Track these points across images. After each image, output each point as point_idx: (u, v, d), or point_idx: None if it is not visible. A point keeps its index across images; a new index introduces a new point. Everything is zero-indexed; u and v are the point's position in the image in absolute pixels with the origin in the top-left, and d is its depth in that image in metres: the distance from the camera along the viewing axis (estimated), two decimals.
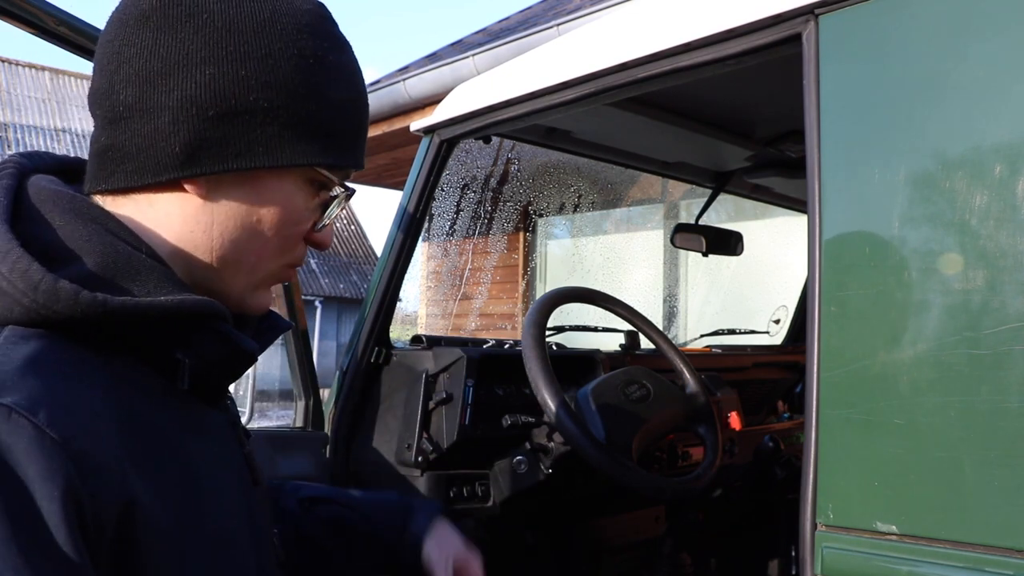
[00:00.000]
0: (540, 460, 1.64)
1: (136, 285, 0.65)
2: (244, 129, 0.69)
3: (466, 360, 1.68)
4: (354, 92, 0.76)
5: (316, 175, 0.74)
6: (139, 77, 0.67)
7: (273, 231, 0.73)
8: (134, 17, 0.68)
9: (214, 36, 0.68)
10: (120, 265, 0.65)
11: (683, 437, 1.94)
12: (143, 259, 0.67)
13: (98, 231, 0.66)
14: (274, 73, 0.69)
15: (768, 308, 2.86)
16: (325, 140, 0.73)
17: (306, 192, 0.74)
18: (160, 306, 0.63)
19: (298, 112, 0.70)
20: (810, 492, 0.97)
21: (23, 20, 1.20)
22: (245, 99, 0.68)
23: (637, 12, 1.35)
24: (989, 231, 0.87)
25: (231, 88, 0.67)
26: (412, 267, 1.87)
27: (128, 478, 0.57)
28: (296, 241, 0.76)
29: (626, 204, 5.85)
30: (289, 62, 0.70)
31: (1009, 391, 0.83)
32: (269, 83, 0.69)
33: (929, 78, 0.93)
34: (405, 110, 5.00)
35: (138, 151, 0.68)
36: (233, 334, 0.70)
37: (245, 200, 0.71)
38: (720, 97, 1.80)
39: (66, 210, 0.66)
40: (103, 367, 0.62)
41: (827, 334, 0.98)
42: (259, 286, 0.76)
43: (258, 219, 0.72)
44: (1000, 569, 0.82)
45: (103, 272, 0.64)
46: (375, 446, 1.74)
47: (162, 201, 0.70)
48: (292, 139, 0.70)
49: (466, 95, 1.68)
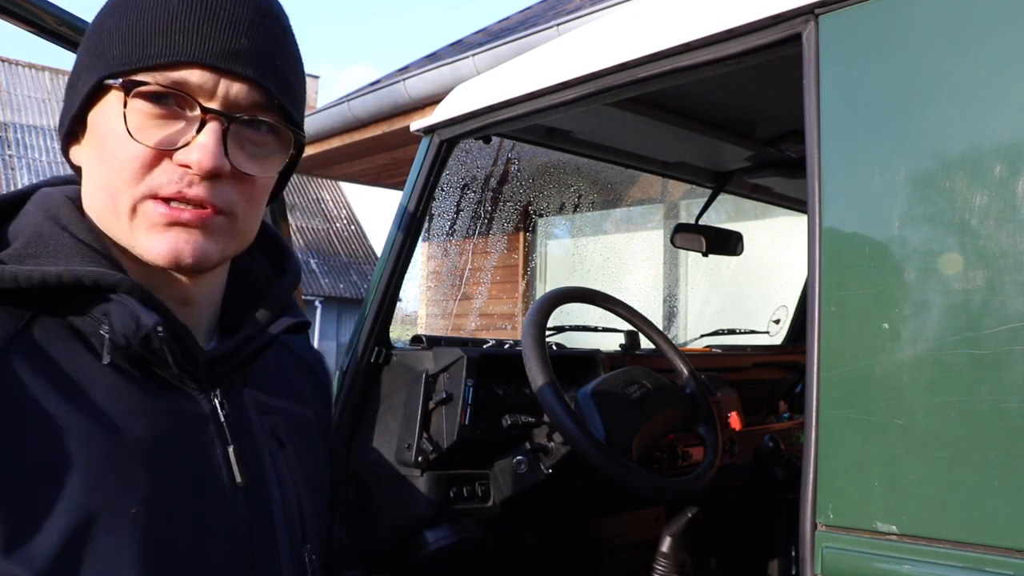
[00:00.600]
0: (540, 460, 1.64)
1: (51, 260, 0.70)
2: (72, 88, 0.75)
3: (466, 360, 1.68)
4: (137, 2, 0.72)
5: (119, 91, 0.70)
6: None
7: (106, 162, 0.72)
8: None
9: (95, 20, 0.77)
10: (40, 245, 0.71)
11: (683, 437, 1.94)
12: (65, 239, 0.71)
13: (40, 218, 0.73)
14: (89, 31, 0.75)
15: (768, 308, 2.86)
16: (110, 54, 0.71)
17: (121, 110, 0.70)
18: (41, 273, 0.67)
19: (90, 46, 0.74)
20: (810, 492, 0.97)
21: (24, 19, 1.20)
22: (76, 61, 0.76)
23: (637, 12, 1.35)
24: (989, 231, 0.87)
25: (80, 57, 0.75)
26: (412, 267, 1.87)
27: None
28: (141, 165, 0.70)
29: (626, 204, 5.85)
30: (105, 20, 0.74)
31: (1009, 391, 0.83)
32: (85, 40, 0.75)
33: (929, 78, 0.93)
34: (405, 110, 4.99)
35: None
36: (130, 305, 0.69)
37: (90, 147, 0.75)
38: (720, 97, 1.80)
39: (38, 206, 0.74)
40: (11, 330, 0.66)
41: (827, 334, 0.98)
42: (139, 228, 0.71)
43: (97, 157, 0.73)
44: (1000, 569, 0.82)
45: (23, 251, 0.70)
46: (375, 446, 1.74)
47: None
48: (88, 72, 0.73)
49: (466, 95, 1.68)
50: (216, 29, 0.70)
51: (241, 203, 0.74)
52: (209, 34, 0.70)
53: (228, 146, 0.71)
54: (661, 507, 2.15)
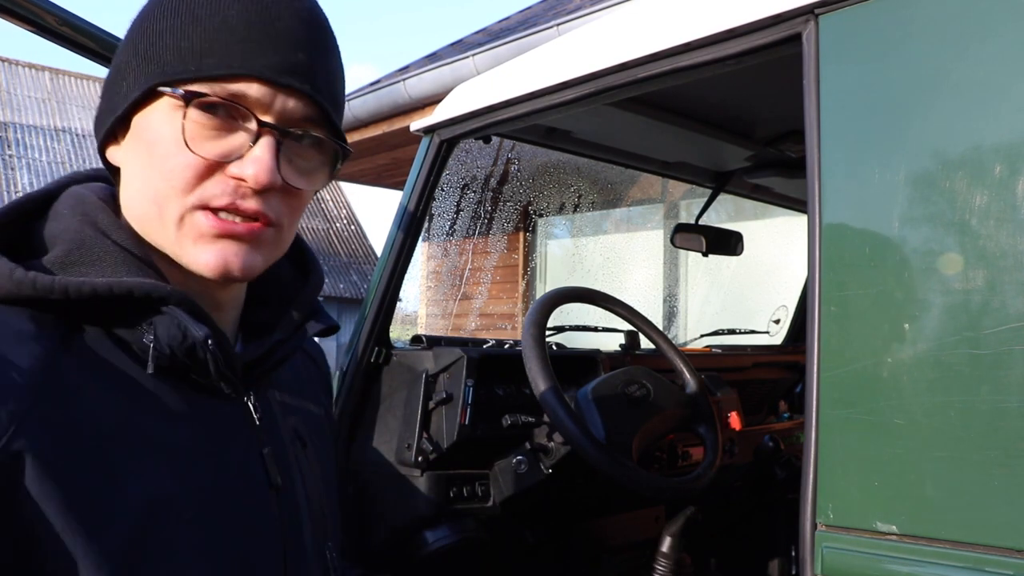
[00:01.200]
0: (540, 460, 1.64)
1: (95, 270, 0.68)
2: (117, 87, 0.72)
3: (466, 360, 1.68)
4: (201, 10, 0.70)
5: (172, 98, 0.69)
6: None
7: (154, 170, 0.70)
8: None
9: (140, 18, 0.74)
10: (83, 253, 0.69)
11: (683, 437, 1.94)
12: (108, 246, 0.69)
13: (79, 223, 0.70)
14: (135, 30, 0.73)
15: (768, 308, 2.86)
16: (164, 59, 0.69)
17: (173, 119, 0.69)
18: (90, 285, 0.65)
19: (145, 50, 0.71)
20: (810, 492, 0.97)
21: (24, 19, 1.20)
22: (118, 59, 0.73)
23: (637, 12, 1.35)
24: (989, 231, 0.87)
25: (115, 66, 0.73)
26: (412, 267, 1.87)
27: (23, 432, 0.59)
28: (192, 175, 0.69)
29: (626, 204, 5.85)
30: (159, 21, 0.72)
31: (1009, 391, 0.83)
32: (131, 39, 0.73)
33: (929, 78, 0.93)
34: (405, 110, 5.00)
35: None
36: (180, 317, 0.68)
37: (134, 152, 0.73)
38: (720, 97, 1.80)
39: (69, 208, 0.72)
40: (53, 339, 0.64)
41: (827, 334, 0.98)
42: (185, 239, 0.71)
43: (143, 164, 0.71)
44: (1000, 569, 0.82)
45: (66, 259, 0.68)
46: (375, 446, 1.74)
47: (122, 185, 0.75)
48: (136, 75, 0.71)
49: (466, 95, 1.69)
50: (274, 42, 0.70)
51: (287, 215, 0.75)
52: (268, 47, 0.69)
53: (280, 160, 0.71)
54: (661, 507, 2.15)
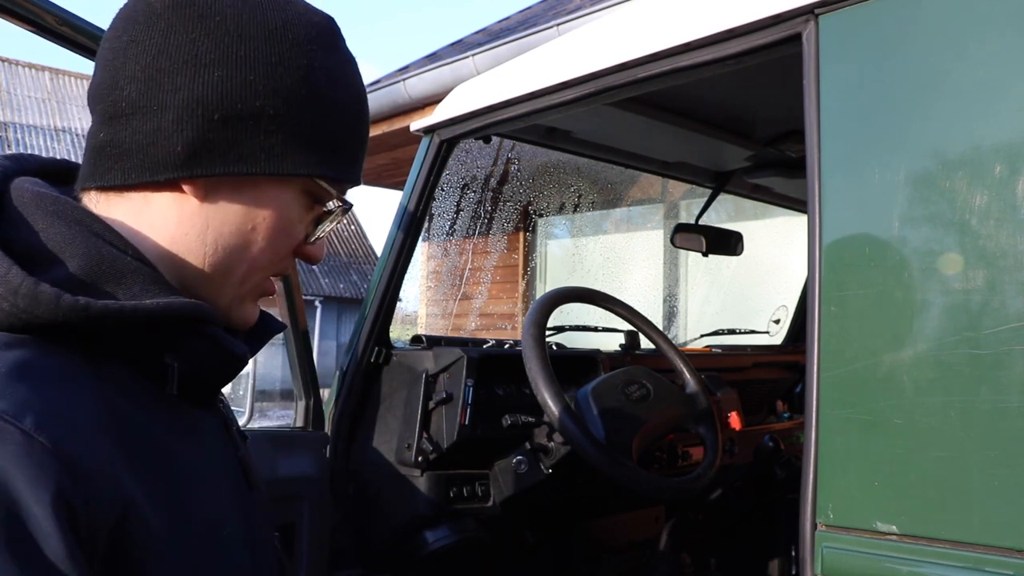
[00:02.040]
0: (540, 460, 1.64)
1: (121, 288, 0.64)
2: (248, 134, 0.68)
3: (466, 360, 1.68)
4: (358, 107, 0.76)
5: (314, 187, 0.74)
6: (145, 74, 0.67)
7: (267, 240, 0.72)
8: (144, 15, 0.68)
9: (225, 39, 0.67)
10: (104, 268, 0.64)
11: (683, 437, 1.94)
12: (128, 261, 0.65)
13: (82, 233, 0.65)
14: (282, 81, 0.69)
15: (768, 308, 2.86)
16: (326, 152, 0.72)
17: (303, 203, 0.74)
18: (145, 310, 0.62)
19: (302, 122, 0.70)
20: (810, 492, 0.97)
21: (24, 19, 1.20)
22: (251, 104, 0.68)
23: (637, 12, 1.36)
24: (989, 231, 0.87)
25: (239, 92, 0.67)
26: (412, 267, 1.87)
27: (120, 482, 0.56)
28: (287, 252, 0.75)
29: (626, 204, 5.85)
30: (298, 72, 0.69)
31: (1009, 391, 0.83)
32: (276, 91, 0.68)
33: (929, 78, 0.93)
34: (405, 110, 5.00)
35: (139, 148, 0.67)
36: (222, 337, 0.69)
37: (242, 206, 0.70)
38: (720, 97, 1.80)
39: (49, 212, 0.65)
40: (90, 371, 0.61)
41: (827, 334, 0.98)
42: (246, 298, 0.75)
43: (253, 227, 0.71)
44: (1000, 569, 0.82)
45: (86, 275, 0.63)
46: (375, 446, 1.74)
47: (157, 201, 0.69)
48: (294, 148, 0.70)
49: (466, 95, 1.69)
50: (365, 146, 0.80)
51: None
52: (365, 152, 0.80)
53: None
54: (661, 507, 2.15)
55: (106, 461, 0.56)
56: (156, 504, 0.60)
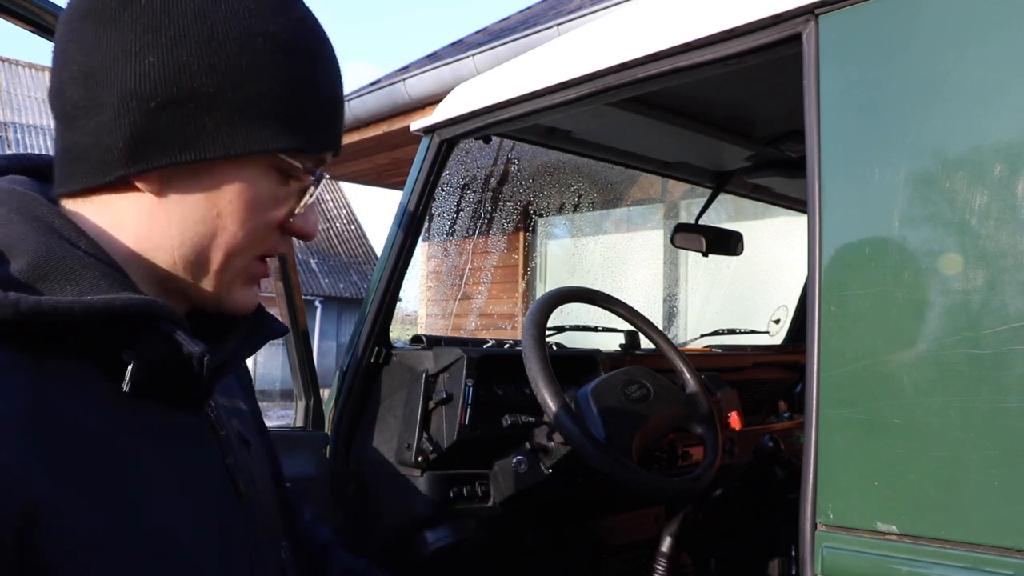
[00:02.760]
0: (540, 460, 1.64)
1: (69, 284, 0.62)
2: (189, 118, 0.65)
3: (466, 360, 1.69)
4: (316, 71, 0.70)
5: (279, 162, 0.70)
6: (82, 73, 0.65)
7: (237, 224, 0.69)
8: (77, 13, 0.66)
9: (152, 23, 0.64)
10: (53, 264, 0.62)
11: (683, 437, 1.94)
12: (80, 256, 0.63)
13: (37, 229, 0.63)
14: (218, 55, 0.65)
15: (768, 308, 2.86)
16: (282, 123, 0.68)
17: (273, 179, 0.70)
18: (82, 306, 0.60)
19: (248, 95, 0.66)
20: (810, 492, 0.97)
21: (24, 18, 1.20)
22: (188, 86, 0.64)
23: (637, 12, 1.35)
24: (989, 231, 0.87)
25: (173, 76, 0.64)
26: (412, 267, 1.87)
27: (32, 481, 0.54)
28: (268, 232, 0.72)
29: (626, 204, 5.85)
30: (235, 43, 0.65)
31: (1009, 391, 0.83)
32: (214, 66, 0.65)
33: (929, 78, 0.93)
34: (405, 110, 5.00)
35: (87, 150, 0.66)
36: (175, 334, 0.65)
37: (202, 194, 0.68)
38: (720, 97, 1.80)
39: (12, 209, 0.64)
40: (28, 367, 0.59)
41: (827, 334, 0.98)
42: (233, 284, 0.73)
43: (218, 213, 0.68)
44: (1000, 569, 0.82)
45: (32, 271, 0.61)
46: (375, 446, 1.74)
47: (119, 202, 0.68)
48: (243, 125, 0.66)
49: (466, 95, 1.69)
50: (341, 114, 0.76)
51: None
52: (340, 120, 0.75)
53: None
54: (661, 507, 2.15)
55: (15, 460, 0.54)
56: (84, 505, 0.57)
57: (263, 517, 0.81)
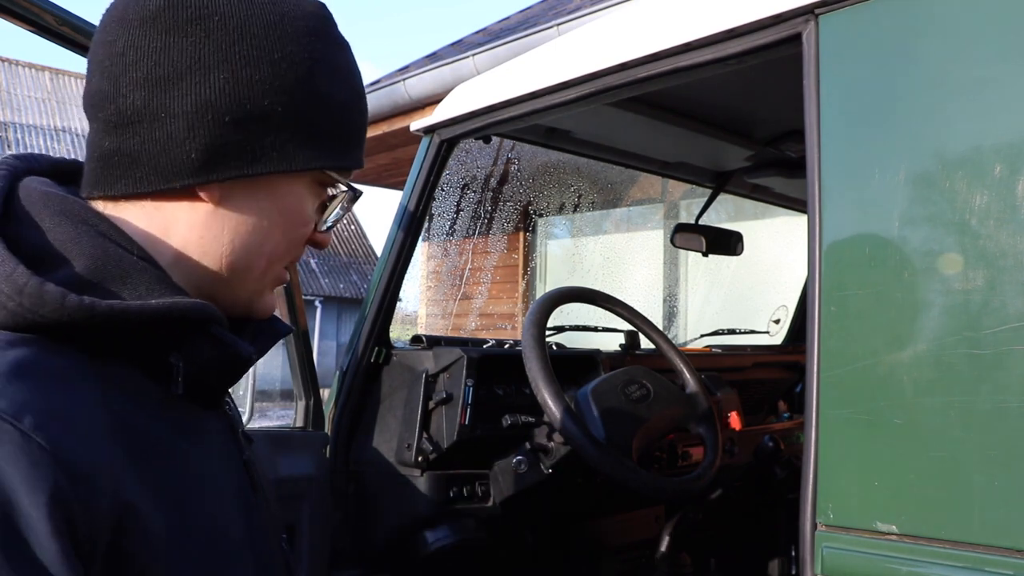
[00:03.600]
0: (540, 460, 1.64)
1: (126, 288, 0.63)
2: (259, 134, 0.68)
3: (466, 360, 1.69)
4: (356, 93, 0.76)
5: (324, 177, 0.75)
6: (148, 81, 0.66)
7: (284, 234, 0.73)
8: (139, 18, 0.67)
9: (226, 39, 0.67)
10: (110, 267, 0.63)
11: (683, 437, 1.94)
12: (134, 261, 0.65)
13: (87, 232, 0.64)
14: (286, 77, 0.69)
15: (768, 308, 2.86)
16: (332, 142, 0.73)
17: (313, 193, 0.75)
18: (150, 309, 0.62)
19: (308, 115, 0.70)
20: (810, 492, 0.97)
21: (24, 19, 1.20)
22: (260, 103, 0.68)
23: (637, 12, 1.36)
24: (989, 231, 0.87)
25: (246, 92, 0.67)
26: (412, 267, 1.87)
27: (121, 484, 0.56)
28: (302, 242, 0.77)
29: (626, 204, 5.85)
30: (301, 65, 0.69)
31: (1009, 391, 0.83)
32: (282, 87, 0.68)
33: (929, 78, 0.93)
34: (405, 110, 5.00)
35: (149, 156, 0.67)
36: (227, 337, 0.68)
37: (257, 205, 0.71)
38: (720, 97, 1.80)
39: (56, 212, 0.65)
40: (93, 372, 0.60)
41: (827, 334, 0.98)
42: (265, 289, 0.77)
43: (270, 224, 0.72)
44: (1000, 569, 0.82)
45: (91, 275, 0.62)
46: (375, 446, 1.74)
47: (170, 207, 0.69)
48: (303, 142, 0.70)
49: (466, 95, 1.69)
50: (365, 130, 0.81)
51: None
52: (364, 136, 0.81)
53: None
54: (661, 507, 2.15)
55: (106, 463, 0.56)
56: (159, 507, 0.59)
57: (269, 508, 0.84)
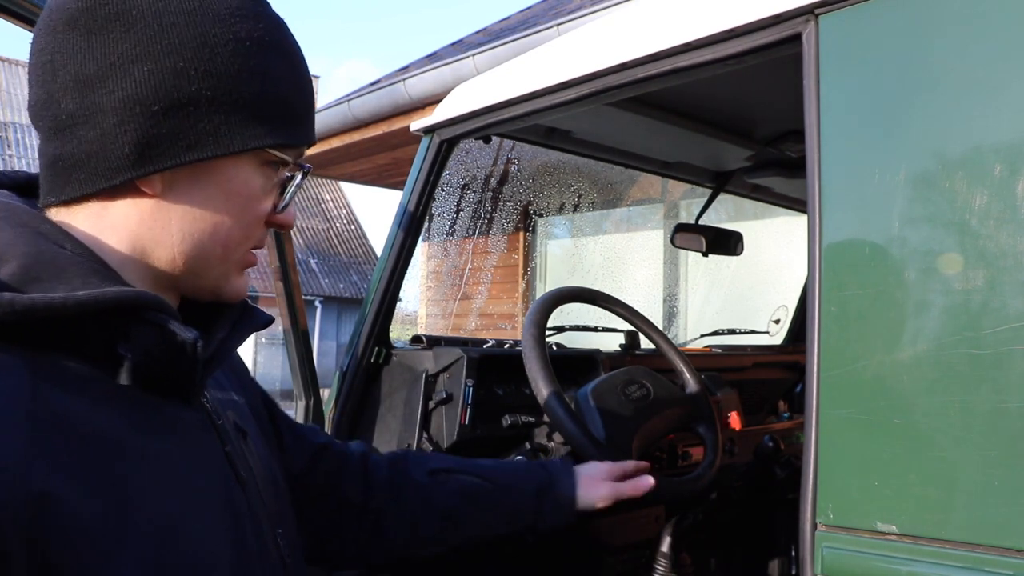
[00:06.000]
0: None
1: (61, 283, 0.64)
2: (192, 120, 0.69)
3: (466, 360, 1.69)
4: (291, 68, 0.76)
5: (269, 156, 0.75)
6: (77, 83, 0.67)
7: (234, 219, 0.74)
8: (61, 23, 0.68)
9: (147, 32, 0.67)
10: (44, 264, 0.64)
11: (683, 437, 1.94)
12: (69, 256, 0.66)
13: (24, 234, 0.65)
14: (212, 61, 0.69)
15: (768, 308, 2.86)
16: (273, 121, 0.73)
17: (263, 174, 0.75)
18: (74, 300, 0.62)
19: (242, 96, 0.70)
20: (810, 492, 0.97)
21: (24, 19, 1.20)
22: (187, 90, 0.68)
23: (637, 12, 1.35)
24: (989, 231, 0.87)
25: (172, 81, 0.68)
26: (412, 267, 1.87)
27: (34, 475, 0.56)
28: (258, 224, 0.77)
29: (626, 204, 5.85)
30: (226, 48, 0.70)
31: (1009, 391, 0.83)
32: (209, 71, 0.69)
33: (929, 78, 0.93)
34: (405, 110, 5.00)
35: (88, 157, 0.68)
36: (167, 323, 0.67)
37: (202, 193, 0.72)
38: (720, 97, 1.80)
39: (10, 221, 0.66)
40: (27, 365, 0.60)
41: (827, 334, 0.98)
42: (231, 274, 0.77)
43: (218, 210, 0.73)
44: (1000, 569, 0.82)
45: (25, 274, 0.63)
46: (375, 446, 1.74)
47: (118, 205, 0.70)
48: (240, 124, 0.71)
49: (466, 95, 1.69)
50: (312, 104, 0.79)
51: None
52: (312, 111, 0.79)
53: None
54: (661, 507, 2.15)
55: (18, 453, 0.56)
56: (91, 499, 0.59)
57: (264, 504, 0.83)
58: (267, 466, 0.89)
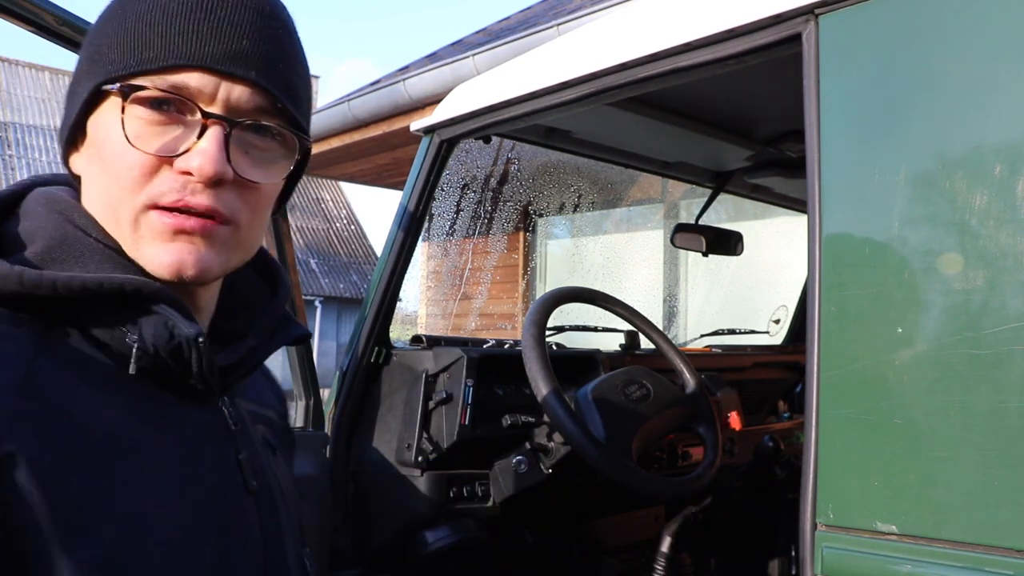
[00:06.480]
0: (540, 460, 1.64)
1: (79, 266, 0.67)
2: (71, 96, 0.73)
3: (466, 360, 1.69)
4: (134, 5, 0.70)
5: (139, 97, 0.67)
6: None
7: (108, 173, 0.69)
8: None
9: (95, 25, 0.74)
10: (66, 248, 0.68)
11: (683, 437, 1.94)
12: (90, 243, 0.68)
13: (56, 220, 0.69)
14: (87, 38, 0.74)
15: (768, 308, 2.86)
16: (117, 53, 0.69)
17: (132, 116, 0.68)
18: (78, 280, 0.64)
19: (95, 49, 0.72)
20: (810, 492, 0.97)
21: (24, 19, 1.20)
22: (79, 68, 0.73)
23: (637, 12, 1.36)
24: (989, 231, 0.87)
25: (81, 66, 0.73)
26: (412, 267, 1.87)
27: (13, 434, 0.57)
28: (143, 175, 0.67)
29: (626, 204, 5.85)
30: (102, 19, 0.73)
31: (1009, 391, 0.83)
32: (89, 43, 0.73)
33: (929, 78, 0.93)
34: (405, 110, 5.00)
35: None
36: (170, 316, 0.67)
37: (87, 159, 0.73)
38: (720, 97, 1.80)
39: (43, 206, 0.70)
40: (35, 339, 0.62)
41: (827, 334, 0.98)
42: (141, 242, 0.69)
43: (96, 168, 0.71)
44: (1000, 569, 0.82)
45: (48, 254, 0.67)
46: (375, 446, 1.74)
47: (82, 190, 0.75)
48: (89, 73, 0.71)
49: (466, 95, 1.69)
50: (216, 31, 0.68)
51: (245, 212, 0.71)
52: (208, 36, 0.68)
53: (231, 152, 0.68)
54: (661, 507, 2.15)
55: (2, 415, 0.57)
56: (65, 471, 0.59)
57: (288, 520, 0.81)
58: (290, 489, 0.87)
